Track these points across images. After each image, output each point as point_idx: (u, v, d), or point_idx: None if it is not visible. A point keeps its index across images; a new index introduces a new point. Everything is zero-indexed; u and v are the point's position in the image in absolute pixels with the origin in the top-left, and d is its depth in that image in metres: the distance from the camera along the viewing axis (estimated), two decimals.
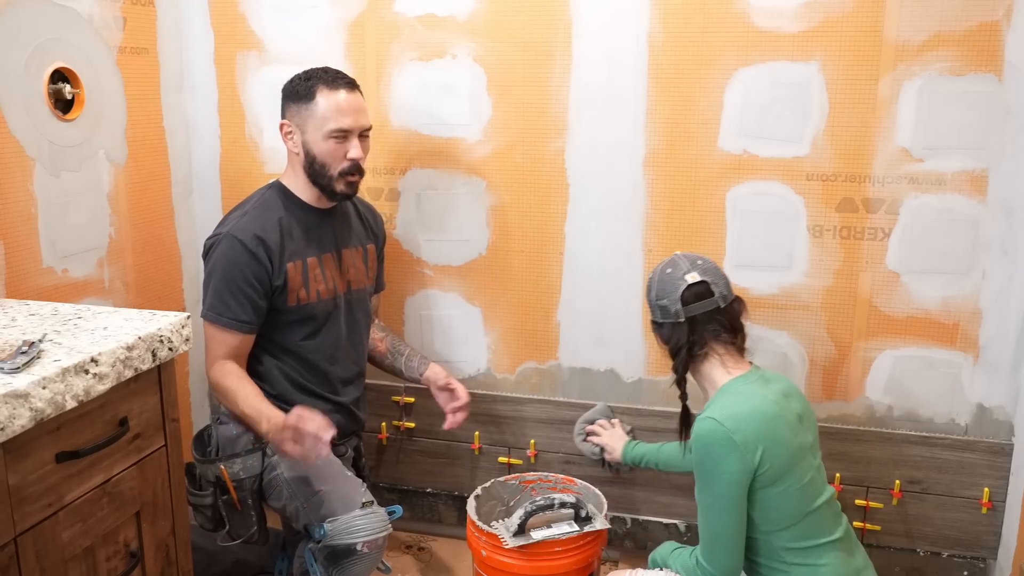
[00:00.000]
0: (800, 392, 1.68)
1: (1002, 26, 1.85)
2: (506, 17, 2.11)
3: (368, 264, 2.06)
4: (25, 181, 1.82)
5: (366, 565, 1.76)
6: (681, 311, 1.62)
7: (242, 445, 1.87)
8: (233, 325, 1.82)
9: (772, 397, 1.57)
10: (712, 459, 1.52)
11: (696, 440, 1.55)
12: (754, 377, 1.62)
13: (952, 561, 2.10)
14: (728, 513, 1.53)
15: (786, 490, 1.53)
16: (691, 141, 2.06)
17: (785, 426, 1.55)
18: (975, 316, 1.99)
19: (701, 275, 1.63)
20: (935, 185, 1.95)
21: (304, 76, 1.88)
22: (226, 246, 1.82)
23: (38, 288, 1.87)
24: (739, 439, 1.50)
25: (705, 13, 1.99)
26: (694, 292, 1.62)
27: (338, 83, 1.85)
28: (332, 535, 1.72)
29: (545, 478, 2.13)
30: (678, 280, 1.63)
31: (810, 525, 1.56)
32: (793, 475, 1.54)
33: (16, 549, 1.22)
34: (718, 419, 1.52)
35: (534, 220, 2.21)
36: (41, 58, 1.84)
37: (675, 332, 1.64)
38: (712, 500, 1.54)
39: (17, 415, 1.17)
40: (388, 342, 2.16)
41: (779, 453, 1.52)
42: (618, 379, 2.24)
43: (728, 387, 1.61)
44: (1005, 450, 2.01)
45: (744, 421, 1.51)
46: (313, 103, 1.83)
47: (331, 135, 1.83)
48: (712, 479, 1.53)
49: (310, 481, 1.80)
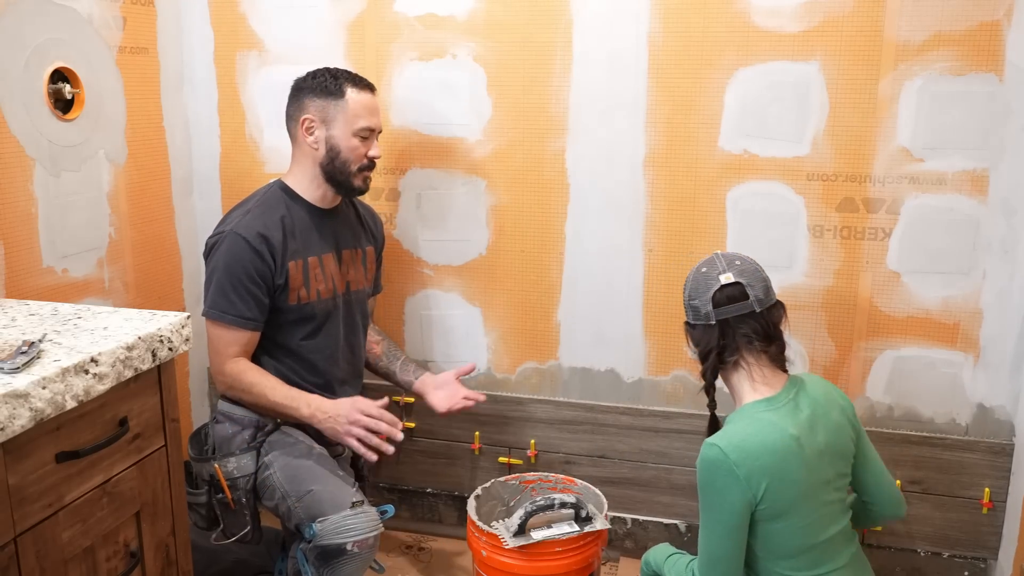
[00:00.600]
0: (837, 421, 1.53)
1: (1003, 26, 1.84)
2: (506, 17, 2.10)
3: (367, 266, 2.06)
4: (25, 181, 1.82)
5: (357, 565, 1.75)
6: (712, 313, 1.53)
7: (236, 444, 1.87)
8: (239, 323, 1.82)
9: (793, 430, 1.45)
10: (713, 487, 1.46)
11: (700, 464, 1.48)
12: (782, 401, 1.50)
13: (953, 561, 2.10)
14: (727, 538, 1.47)
15: (789, 526, 1.46)
16: (691, 141, 2.06)
17: (799, 463, 1.44)
18: (976, 316, 1.99)
19: (736, 276, 1.53)
20: (936, 185, 1.95)
21: (331, 74, 1.90)
22: (230, 243, 1.82)
23: (38, 288, 1.87)
24: (742, 473, 1.42)
25: (706, 13, 1.99)
26: (727, 294, 1.53)
27: (365, 84, 1.92)
28: (322, 535, 1.72)
29: (545, 478, 2.13)
30: (712, 280, 1.55)
31: (814, 556, 1.48)
32: (798, 513, 1.45)
33: (16, 549, 1.21)
34: (723, 448, 1.44)
35: (534, 220, 2.20)
36: (41, 58, 1.84)
37: (705, 335, 1.56)
38: (712, 524, 1.48)
39: (17, 415, 1.17)
40: (384, 346, 2.17)
41: (784, 491, 1.44)
42: (618, 379, 2.24)
43: (747, 410, 1.52)
44: (1006, 450, 2.01)
45: (751, 456, 1.43)
46: (344, 100, 1.87)
47: (359, 133, 1.88)
48: (712, 505, 1.47)
49: (301, 480, 1.80)
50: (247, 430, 1.88)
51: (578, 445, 2.29)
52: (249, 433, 1.88)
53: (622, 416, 2.23)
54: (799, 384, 1.55)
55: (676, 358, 2.19)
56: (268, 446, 1.87)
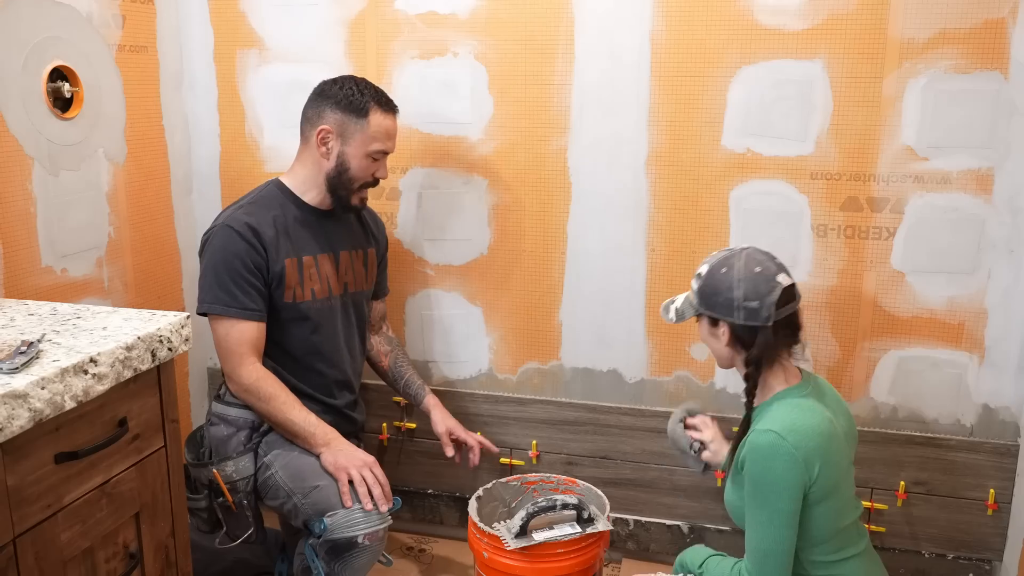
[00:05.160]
0: (846, 405, 1.64)
1: (1008, 23, 1.83)
2: (508, 15, 2.09)
3: (368, 268, 2.05)
4: (24, 180, 1.81)
5: (368, 557, 1.75)
6: (773, 315, 1.51)
7: (233, 447, 1.86)
8: (244, 315, 1.80)
9: (828, 414, 1.52)
10: (773, 473, 1.45)
11: (755, 453, 1.47)
12: (809, 388, 1.56)
13: (958, 563, 2.09)
14: (785, 528, 1.46)
15: (828, 509, 1.48)
16: (694, 140, 2.05)
17: (839, 444, 1.50)
18: (981, 316, 1.98)
19: (788, 277, 1.54)
20: (940, 184, 1.94)
21: (358, 88, 1.86)
22: (222, 236, 1.82)
23: (37, 288, 1.86)
24: (801, 455, 1.43)
25: (708, 10, 1.98)
26: (787, 296, 1.53)
27: (390, 107, 1.90)
28: (333, 529, 1.71)
29: (547, 479, 2.12)
30: (772, 282, 1.52)
31: (841, 539, 1.52)
32: (838, 494, 1.49)
33: (15, 550, 1.20)
34: (780, 432, 1.44)
35: (536, 219, 2.19)
36: (40, 56, 1.83)
37: (761, 336, 1.53)
38: (769, 515, 1.47)
39: (16, 416, 1.16)
40: (392, 359, 2.17)
41: (831, 471, 1.47)
42: (621, 380, 2.23)
43: (785, 395, 1.54)
44: (1011, 451, 2.00)
45: (805, 436, 1.45)
46: (366, 121, 1.85)
47: (372, 155, 1.87)
48: (771, 494, 1.46)
49: (306, 477, 1.79)
50: (243, 431, 1.87)
51: (580, 446, 2.28)
52: (245, 434, 1.87)
53: (624, 417, 2.22)
54: (809, 374, 1.61)
55: (678, 358, 2.18)
56: (266, 446, 1.86)
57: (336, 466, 1.76)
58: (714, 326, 1.59)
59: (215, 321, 1.82)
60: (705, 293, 1.57)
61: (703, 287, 1.58)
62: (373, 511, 1.73)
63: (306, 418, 1.81)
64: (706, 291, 1.57)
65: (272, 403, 1.80)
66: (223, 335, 1.81)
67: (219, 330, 1.82)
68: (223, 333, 1.81)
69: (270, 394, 1.80)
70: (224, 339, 1.81)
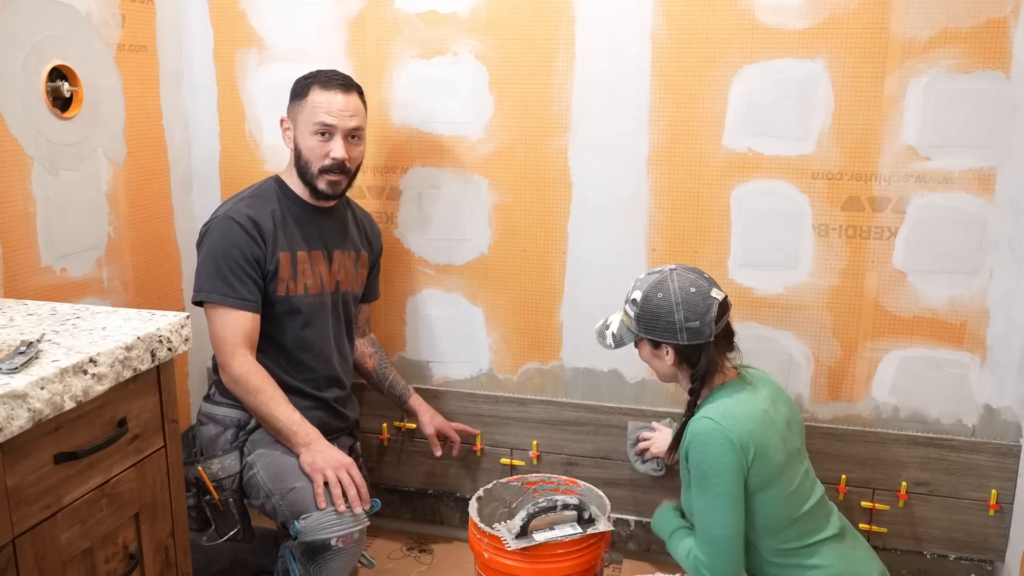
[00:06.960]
0: (788, 396, 1.71)
1: (1010, 22, 1.83)
2: (508, 14, 2.09)
3: (359, 270, 2.07)
4: (23, 180, 1.80)
5: (343, 560, 1.74)
6: (714, 331, 1.59)
7: (220, 445, 1.88)
8: (241, 305, 1.81)
9: (762, 404, 1.59)
10: (711, 458, 1.52)
11: (693, 439, 1.55)
12: (743, 383, 1.64)
13: (959, 564, 2.08)
14: (729, 512, 1.52)
15: (773, 497, 1.54)
16: (695, 139, 2.05)
17: (775, 432, 1.56)
18: (982, 316, 1.97)
19: (719, 290, 1.61)
20: (942, 184, 1.94)
21: (304, 76, 1.92)
22: (223, 226, 1.83)
23: (36, 288, 1.85)
24: (735, 438, 1.51)
25: (709, 10, 1.98)
26: (721, 310, 1.60)
27: (332, 83, 1.88)
28: (306, 531, 1.71)
29: (548, 479, 2.12)
30: (708, 299, 1.58)
31: (798, 529, 1.57)
32: (781, 481, 1.55)
33: (14, 551, 1.20)
34: (714, 418, 1.53)
35: (536, 219, 2.19)
36: (39, 56, 1.82)
37: (704, 354, 1.60)
38: (711, 501, 1.53)
39: (15, 416, 1.15)
40: (376, 360, 2.20)
41: (770, 458, 1.53)
42: (621, 379, 2.23)
43: (721, 390, 1.62)
44: (1013, 451, 1.99)
45: (739, 421, 1.53)
46: (305, 100, 1.87)
47: (314, 131, 1.86)
48: (711, 479, 1.53)
49: (284, 478, 1.78)
50: (229, 430, 1.89)
51: (581, 446, 2.27)
52: (231, 433, 1.89)
53: (625, 417, 2.21)
54: (745, 370, 1.69)
55: None
56: (251, 445, 1.87)
57: (313, 467, 1.75)
58: (656, 348, 1.65)
59: (211, 310, 1.83)
60: (644, 319, 1.63)
61: (641, 314, 1.63)
62: (347, 513, 1.72)
63: (290, 416, 1.80)
64: (645, 317, 1.62)
65: (259, 396, 1.80)
66: (218, 324, 1.82)
67: (215, 319, 1.82)
68: (218, 322, 1.82)
69: (257, 387, 1.80)
70: (219, 328, 1.82)
